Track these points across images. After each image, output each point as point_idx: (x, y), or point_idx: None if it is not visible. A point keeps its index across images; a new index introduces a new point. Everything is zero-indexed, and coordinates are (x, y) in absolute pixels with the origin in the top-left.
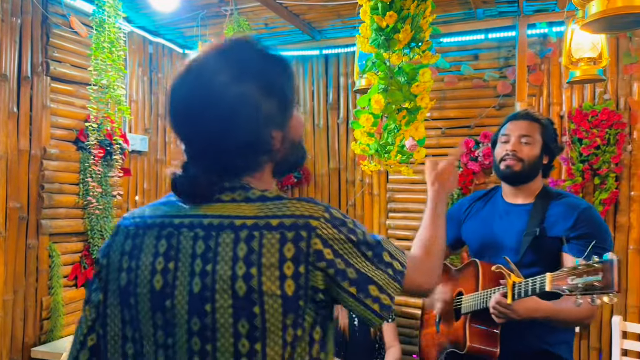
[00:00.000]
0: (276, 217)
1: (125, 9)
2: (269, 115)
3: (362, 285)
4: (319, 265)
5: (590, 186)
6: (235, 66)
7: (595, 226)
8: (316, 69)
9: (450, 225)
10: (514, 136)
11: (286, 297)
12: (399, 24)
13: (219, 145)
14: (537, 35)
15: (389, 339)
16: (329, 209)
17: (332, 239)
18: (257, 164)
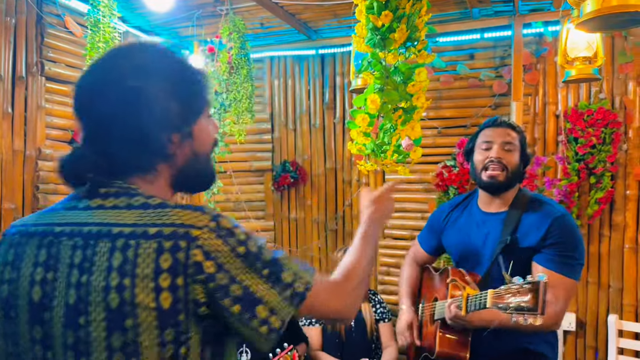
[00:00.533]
0: (155, 226)
1: (120, 8)
2: (166, 116)
3: (247, 304)
4: (198, 278)
5: (586, 185)
6: (140, 62)
7: (567, 235)
8: (312, 69)
9: (430, 235)
10: (497, 143)
11: (162, 310)
12: (395, 24)
13: (107, 131)
14: (533, 34)
15: (386, 338)
16: (218, 218)
17: (216, 251)
18: (148, 165)
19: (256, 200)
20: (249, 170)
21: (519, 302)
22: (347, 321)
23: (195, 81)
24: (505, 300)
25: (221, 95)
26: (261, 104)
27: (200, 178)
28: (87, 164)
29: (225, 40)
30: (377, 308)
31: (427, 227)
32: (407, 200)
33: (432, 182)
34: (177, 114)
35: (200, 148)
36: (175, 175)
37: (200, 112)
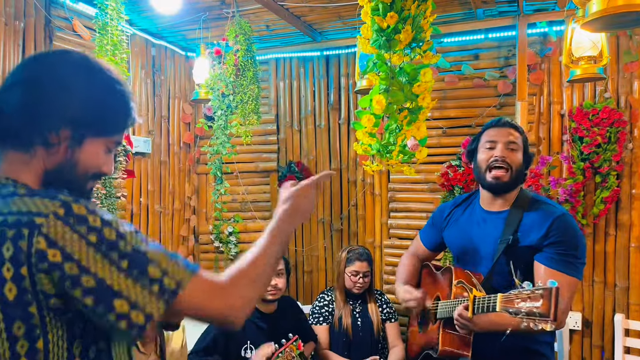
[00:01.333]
0: (1, 215)
1: (128, 11)
2: (69, 106)
3: (102, 297)
4: (42, 267)
5: (591, 184)
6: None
7: (568, 234)
8: (317, 70)
9: (432, 231)
10: (501, 142)
11: (6, 302)
12: (400, 25)
13: (8, 97)
14: (537, 34)
15: (392, 338)
16: (69, 204)
17: (63, 239)
18: (27, 138)
19: (262, 200)
20: (255, 171)
21: (531, 308)
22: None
23: (120, 105)
24: (516, 305)
25: (228, 97)
26: (267, 106)
27: (69, 187)
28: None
29: (232, 43)
30: (383, 308)
31: (429, 223)
32: (412, 200)
33: (437, 182)
34: (80, 114)
35: (82, 162)
36: (48, 172)
37: (103, 134)
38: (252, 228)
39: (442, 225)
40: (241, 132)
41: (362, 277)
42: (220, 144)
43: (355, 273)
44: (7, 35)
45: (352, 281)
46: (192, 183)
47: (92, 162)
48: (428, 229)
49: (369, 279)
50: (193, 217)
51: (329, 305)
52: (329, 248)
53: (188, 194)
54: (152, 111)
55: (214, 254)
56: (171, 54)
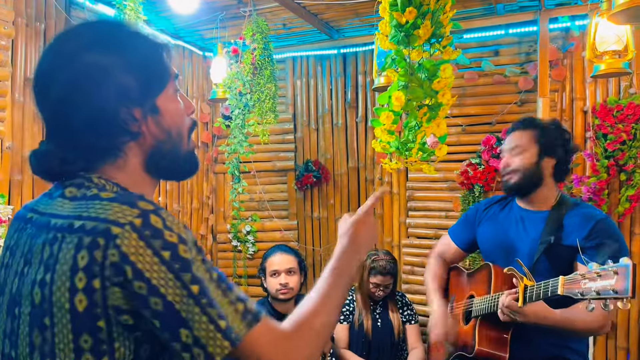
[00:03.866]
0: (81, 219)
1: (145, 11)
2: (122, 91)
3: (169, 323)
4: (116, 280)
5: (615, 182)
6: (91, 37)
7: (611, 236)
8: (334, 68)
9: (465, 228)
10: (505, 151)
11: (76, 313)
12: (419, 20)
13: (65, 116)
14: (559, 29)
15: (412, 339)
16: (148, 214)
17: (136, 254)
18: (113, 147)
19: (279, 199)
20: (272, 170)
21: (604, 286)
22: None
23: (153, 51)
24: (582, 286)
25: (245, 96)
26: (284, 104)
27: (176, 162)
28: (53, 160)
29: (249, 42)
30: (404, 310)
31: (462, 221)
32: (430, 199)
33: (456, 180)
34: (136, 86)
35: (171, 124)
36: (149, 158)
37: (163, 84)
38: (269, 227)
39: (477, 221)
40: (258, 131)
41: (382, 290)
42: (237, 143)
43: (377, 285)
44: (29, 36)
45: (372, 291)
46: (210, 182)
47: (177, 116)
48: (460, 226)
49: (389, 290)
50: (211, 216)
51: (350, 304)
52: None
53: (206, 193)
54: None
55: (231, 252)
56: (189, 54)
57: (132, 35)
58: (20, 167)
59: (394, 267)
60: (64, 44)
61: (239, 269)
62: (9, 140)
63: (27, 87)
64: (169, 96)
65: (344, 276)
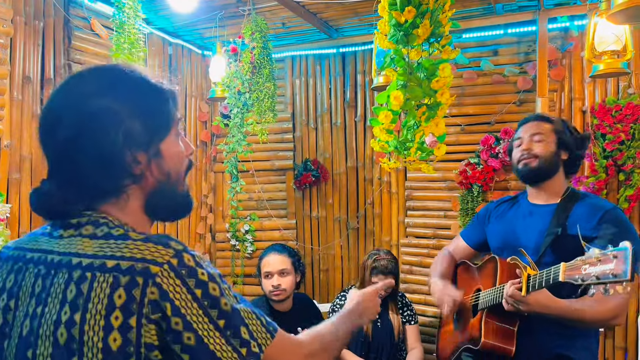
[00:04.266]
0: (114, 258)
1: (145, 10)
2: (128, 135)
3: (198, 356)
4: (153, 317)
5: (614, 182)
6: (101, 82)
7: (621, 226)
8: (333, 68)
9: (476, 228)
10: (526, 136)
11: (109, 351)
12: (418, 19)
13: (70, 157)
14: (558, 29)
15: (411, 340)
16: (182, 253)
17: (174, 292)
18: (116, 188)
19: (278, 199)
20: (271, 169)
21: (603, 271)
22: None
23: (159, 97)
24: (583, 272)
25: (244, 95)
26: (283, 104)
27: (174, 202)
28: (55, 199)
29: (248, 41)
30: (404, 310)
31: (473, 221)
32: (429, 199)
33: (455, 180)
34: (142, 132)
35: (172, 168)
36: (148, 199)
37: (167, 130)
38: (268, 226)
39: (487, 220)
40: (257, 130)
41: (385, 290)
42: (236, 142)
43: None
44: (27, 35)
45: None
46: (208, 181)
47: (177, 159)
48: (471, 226)
49: (390, 290)
50: (210, 215)
51: None
52: (345, 247)
53: (205, 192)
54: None
55: (230, 252)
56: (188, 53)
57: (140, 81)
58: (18, 165)
59: (395, 266)
60: (74, 87)
61: (237, 268)
62: (7, 139)
63: (25, 85)
64: (172, 141)
65: (347, 324)
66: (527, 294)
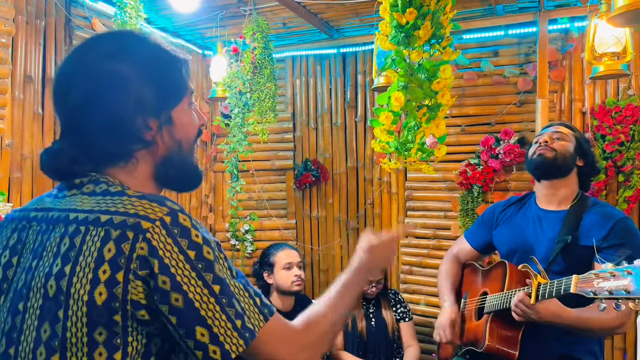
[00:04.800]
0: (108, 213)
1: (146, 10)
2: (141, 100)
3: (186, 320)
4: (141, 273)
5: (614, 183)
6: (113, 47)
7: (630, 237)
8: (334, 68)
9: (481, 230)
10: (547, 133)
11: (94, 305)
12: (419, 21)
13: (81, 121)
14: (559, 30)
15: (407, 337)
16: (177, 212)
17: (164, 249)
18: (125, 152)
19: (278, 198)
20: (271, 169)
21: (616, 286)
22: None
23: (173, 65)
24: (596, 286)
25: (245, 95)
26: (283, 104)
27: (184, 171)
28: (64, 159)
29: (249, 41)
30: (397, 308)
31: (477, 223)
32: (429, 199)
33: (455, 181)
34: (154, 98)
35: (183, 136)
36: (158, 167)
37: (180, 97)
38: (268, 226)
39: (493, 224)
40: (258, 129)
41: (374, 286)
42: (236, 142)
43: (369, 282)
44: (29, 34)
45: (364, 288)
46: (209, 181)
47: (189, 127)
48: (476, 228)
49: (382, 285)
50: (210, 215)
51: None
52: (345, 247)
53: (205, 191)
54: None
55: (230, 251)
56: (188, 53)
57: (154, 47)
58: (19, 164)
59: None
60: (87, 51)
61: (237, 268)
62: (9, 138)
63: (26, 84)
64: (184, 109)
65: (354, 290)
66: (536, 302)
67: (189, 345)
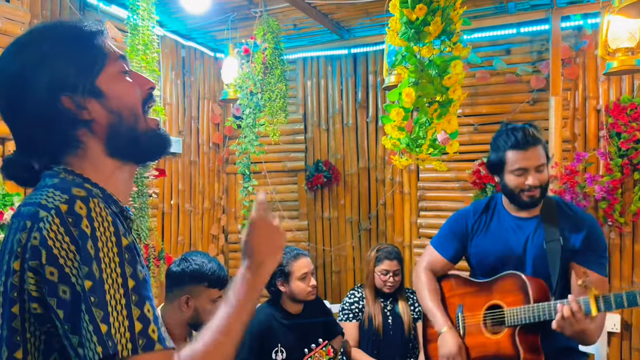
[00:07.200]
0: (26, 205)
1: (158, 12)
2: (57, 77)
3: (72, 313)
4: (32, 264)
5: (629, 182)
6: (15, 47)
7: (600, 238)
8: (345, 68)
9: (451, 241)
10: (531, 169)
11: (5, 296)
12: (429, 17)
13: (14, 121)
14: (572, 27)
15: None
16: (76, 200)
17: (54, 239)
18: (70, 139)
19: (290, 200)
20: (283, 170)
21: None
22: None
23: (82, 39)
24: None
25: (256, 95)
26: (294, 105)
27: (135, 141)
28: (18, 167)
29: (260, 42)
30: (415, 307)
31: (447, 233)
32: (442, 199)
33: (468, 180)
34: (68, 73)
35: (120, 105)
36: (107, 142)
37: (99, 67)
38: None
39: (467, 234)
40: (269, 130)
41: (392, 276)
42: (248, 142)
43: (385, 272)
44: None
45: (382, 280)
46: (221, 182)
47: (124, 95)
48: (446, 239)
49: (399, 277)
50: (223, 217)
51: (359, 302)
52: (357, 248)
53: (218, 193)
54: (182, 112)
55: None
56: (200, 55)
57: (58, 28)
58: None
59: (399, 252)
60: (5, 52)
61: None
62: None
63: None
64: (112, 77)
65: (247, 305)
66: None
67: (73, 343)
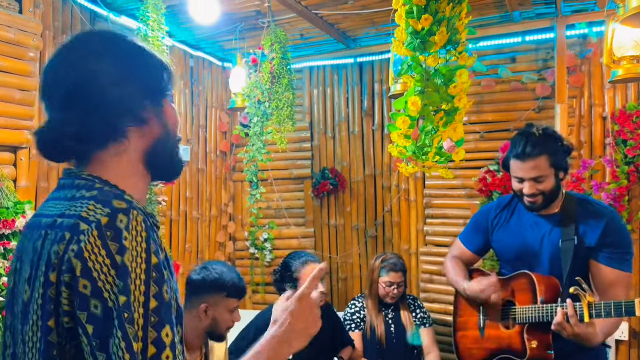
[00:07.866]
0: (63, 216)
1: (167, 23)
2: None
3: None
4: (66, 276)
5: (636, 189)
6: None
7: (622, 232)
8: (350, 77)
9: (476, 234)
10: (527, 180)
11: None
12: (435, 27)
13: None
14: (577, 35)
15: (427, 343)
16: (117, 213)
17: (90, 252)
18: (117, 129)
19: (296, 207)
20: (289, 177)
21: None
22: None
23: (160, 62)
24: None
25: (264, 104)
26: (301, 113)
27: (171, 160)
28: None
29: (267, 51)
30: (417, 313)
31: (472, 227)
32: (448, 207)
33: (474, 187)
34: (150, 82)
35: (170, 124)
36: (148, 151)
37: (168, 89)
38: (286, 234)
39: (489, 228)
40: (276, 138)
41: (396, 288)
42: (256, 150)
43: (390, 284)
44: (55, 48)
45: (385, 291)
46: (228, 190)
47: (174, 120)
48: (471, 232)
49: (402, 288)
50: (230, 224)
51: (360, 311)
52: (363, 255)
53: (225, 200)
54: (190, 120)
55: (249, 260)
56: (208, 65)
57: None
58: (46, 174)
59: (403, 264)
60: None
61: (257, 277)
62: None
63: None
64: (170, 103)
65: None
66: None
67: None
